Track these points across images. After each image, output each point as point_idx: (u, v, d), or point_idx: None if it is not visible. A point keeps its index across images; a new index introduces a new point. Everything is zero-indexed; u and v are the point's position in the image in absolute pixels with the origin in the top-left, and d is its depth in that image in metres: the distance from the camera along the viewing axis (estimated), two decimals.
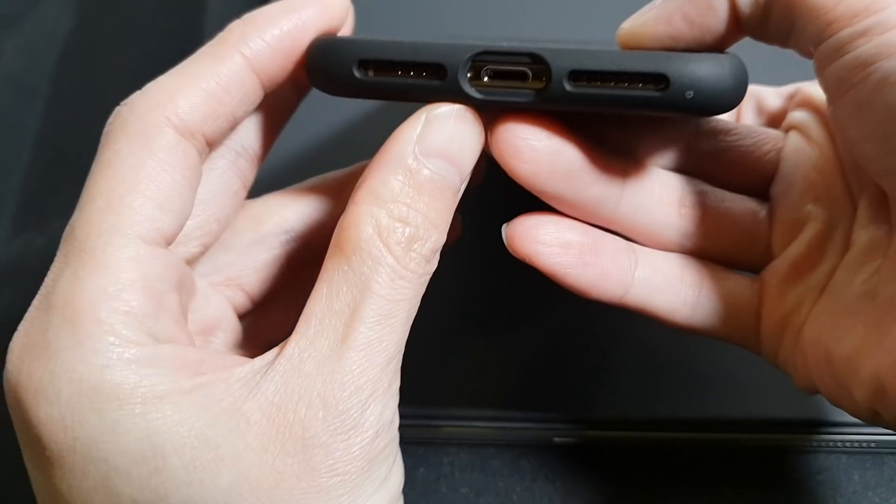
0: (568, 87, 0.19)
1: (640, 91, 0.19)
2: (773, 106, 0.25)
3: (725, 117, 0.25)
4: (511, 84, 0.20)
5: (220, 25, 0.20)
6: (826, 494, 0.27)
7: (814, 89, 0.24)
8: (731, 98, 0.19)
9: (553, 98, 0.19)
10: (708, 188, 0.24)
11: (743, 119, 0.26)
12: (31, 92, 0.40)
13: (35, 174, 0.37)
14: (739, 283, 0.23)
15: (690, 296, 0.23)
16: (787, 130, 0.24)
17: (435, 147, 0.19)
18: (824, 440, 0.27)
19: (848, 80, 0.18)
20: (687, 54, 0.19)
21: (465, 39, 0.20)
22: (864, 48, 0.18)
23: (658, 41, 0.20)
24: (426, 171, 0.19)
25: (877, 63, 0.18)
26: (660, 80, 0.19)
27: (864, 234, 0.21)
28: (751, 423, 0.27)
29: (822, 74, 0.20)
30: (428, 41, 0.20)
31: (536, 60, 0.19)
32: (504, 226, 0.22)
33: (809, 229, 0.23)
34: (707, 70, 0.19)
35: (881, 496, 0.27)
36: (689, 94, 0.19)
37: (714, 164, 0.24)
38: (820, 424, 0.27)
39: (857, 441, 0.27)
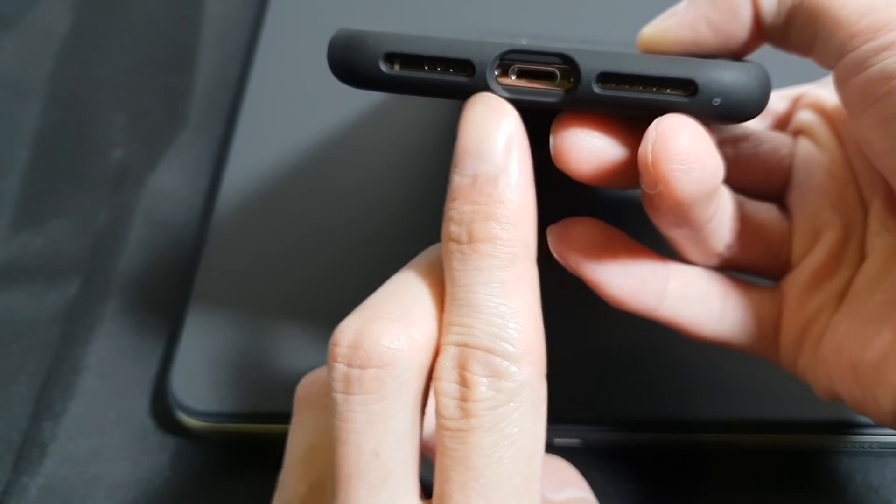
0: (596, 89, 0.19)
1: (668, 96, 0.19)
2: (778, 109, 0.25)
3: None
4: (539, 84, 0.19)
5: (218, 26, 0.20)
6: (827, 496, 0.27)
7: (820, 92, 0.24)
8: (756, 106, 0.19)
9: (581, 99, 0.19)
10: (742, 198, 0.24)
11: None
12: (29, 92, 0.39)
13: (33, 174, 0.37)
14: (760, 294, 0.23)
15: (716, 308, 0.23)
16: (794, 134, 0.24)
17: None
18: (825, 441, 0.27)
19: (872, 93, 0.19)
20: (715, 61, 0.19)
21: (490, 37, 0.20)
22: (889, 60, 0.18)
23: (681, 47, 0.20)
24: None
25: None
26: (688, 85, 0.19)
27: (880, 241, 0.22)
28: (750, 424, 0.27)
29: (843, 87, 0.20)
30: (456, 37, 0.19)
31: (566, 61, 0.19)
32: (549, 229, 0.22)
33: (827, 237, 0.23)
34: (734, 78, 0.19)
35: (883, 498, 0.27)
36: (717, 101, 0.19)
37: (734, 171, 0.24)
38: (821, 426, 0.27)
39: (859, 442, 0.27)
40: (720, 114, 0.19)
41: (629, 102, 0.19)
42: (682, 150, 0.18)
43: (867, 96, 0.19)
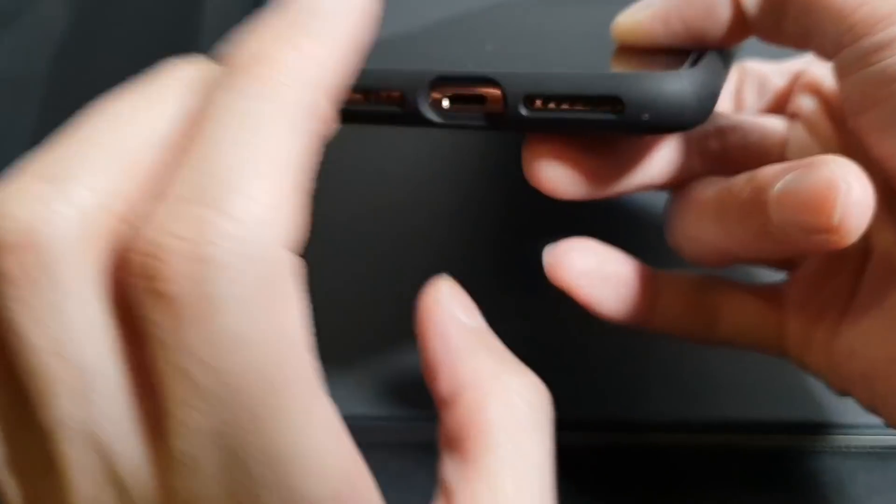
0: (523, 111, 0.19)
1: (596, 114, 0.18)
2: (776, 85, 0.25)
3: (727, 110, 0.25)
4: (471, 108, 0.19)
5: (217, 25, 0.20)
6: (830, 497, 0.27)
7: (821, 72, 0.23)
8: (694, 116, 0.18)
9: (510, 122, 0.19)
10: None
11: (745, 99, 0.25)
12: (28, 91, 0.39)
13: None
14: (760, 298, 0.23)
15: (711, 315, 0.23)
16: (791, 116, 0.24)
17: None
18: (828, 442, 0.27)
19: (873, 96, 0.18)
20: (643, 73, 0.18)
21: (430, 56, 0.20)
22: (888, 62, 0.17)
23: (654, 40, 0.20)
24: None
25: None
26: (615, 103, 0.18)
27: (882, 239, 0.21)
28: (752, 424, 0.27)
29: (843, 82, 0.19)
30: (387, 68, 0.19)
31: (492, 84, 0.19)
32: (545, 254, 0.22)
33: None
34: (664, 90, 0.18)
35: (886, 498, 0.27)
36: (646, 116, 0.18)
37: (724, 164, 0.23)
38: (824, 426, 0.27)
39: (861, 443, 0.27)
40: (652, 128, 0.18)
41: (558, 123, 0.19)
42: (868, 198, 0.18)
43: (867, 98, 0.18)
